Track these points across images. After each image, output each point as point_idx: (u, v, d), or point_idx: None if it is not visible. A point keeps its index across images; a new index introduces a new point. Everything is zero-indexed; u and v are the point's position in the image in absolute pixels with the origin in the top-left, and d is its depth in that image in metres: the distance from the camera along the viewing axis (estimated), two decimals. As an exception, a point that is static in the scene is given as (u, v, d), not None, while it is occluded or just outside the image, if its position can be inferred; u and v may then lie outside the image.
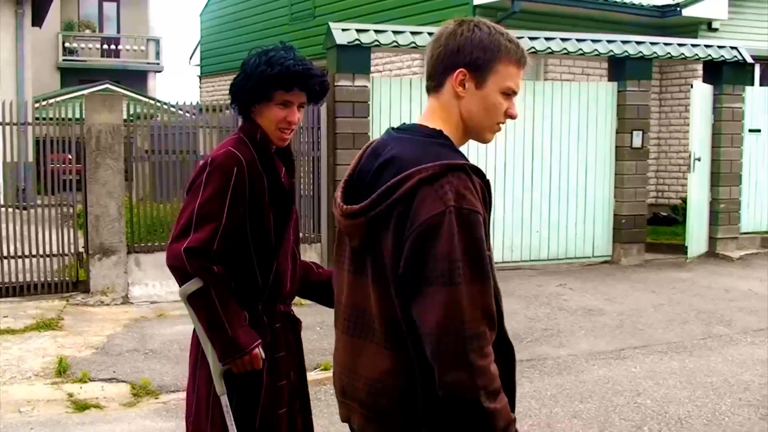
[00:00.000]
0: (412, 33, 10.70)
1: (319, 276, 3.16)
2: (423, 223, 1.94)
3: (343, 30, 10.35)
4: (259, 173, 2.96)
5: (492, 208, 2.13)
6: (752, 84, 14.83)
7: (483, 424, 1.95)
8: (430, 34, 10.78)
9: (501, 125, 2.20)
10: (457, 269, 1.92)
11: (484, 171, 2.08)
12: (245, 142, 2.98)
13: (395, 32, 10.58)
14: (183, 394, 6.09)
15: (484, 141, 2.24)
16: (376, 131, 10.28)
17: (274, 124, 2.97)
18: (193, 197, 2.91)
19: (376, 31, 10.51)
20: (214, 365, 2.96)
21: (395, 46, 10.54)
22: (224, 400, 2.96)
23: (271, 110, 2.97)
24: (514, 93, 2.16)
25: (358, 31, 10.36)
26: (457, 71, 2.10)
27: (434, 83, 2.16)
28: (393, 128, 2.23)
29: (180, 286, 2.94)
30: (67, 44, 32.18)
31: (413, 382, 2.05)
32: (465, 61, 2.09)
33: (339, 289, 2.25)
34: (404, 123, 2.25)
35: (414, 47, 10.66)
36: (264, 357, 2.95)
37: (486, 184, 2.06)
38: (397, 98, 10.55)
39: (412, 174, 1.97)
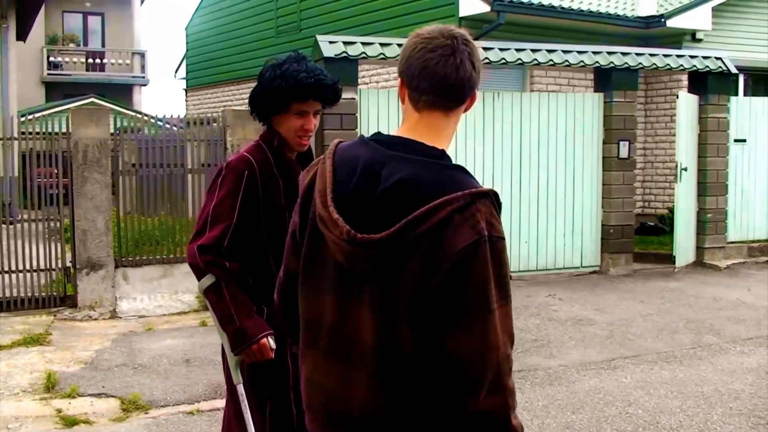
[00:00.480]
0: (399, 45, 10.69)
1: None
2: (459, 252, 1.91)
3: (330, 42, 10.36)
4: (273, 176, 3.18)
5: None
6: (736, 94, 14.98)
7: None
8: (417, 46, 10.79)
9: None
10: (492, 296, 1.93)
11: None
12: (262, 148, 3.24)
13: (382, 44, 10.60)
14: (173, 409, 6.10)
15: None
16: (364, 143, 10.26)
17: (293, 132, 3.21)
18: (209, 199, 3.17)
19: (363, 44, 10.53)
20: (229, 356, 3.17)
21: (382, 58, 10.55)
22: (240, 389, 3.16)
23: (289, 120, 3.20)
24: None
25: (345, 43, 10.37)
26: (476, 92, 2.13)
27: (453, 102, 2.11)
28: (372, 139, 2.12)
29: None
30: (51, 58, 32.09)
31: (406, 414, 2.00)
32: (479, 82, 2.14)
33: (318, 310, 2.13)
34: (380, 133, 2.15)
35: (401, 59, 10.65)
36: (274, 347, 3.10)
37: (500, 207, 2.06)
38: (385, 110, 10.56)
39: (442, 205, 1.92)
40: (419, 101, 2.11)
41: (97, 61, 33.16)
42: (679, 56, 12.31)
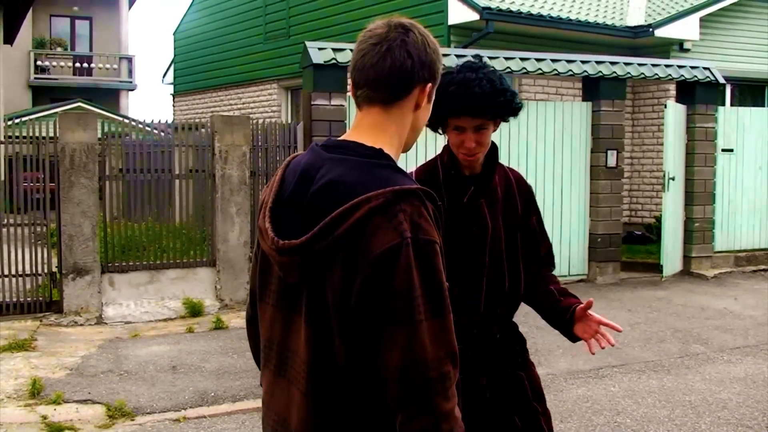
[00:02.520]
0: (389, 52, 10.69)
1: (552, 305, 3.14)
2: (377, 256, 1.73)
3: (319, 49, 10.34)
4: (438, 194, 2.99)
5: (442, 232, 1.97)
6: (724, 104, 15.03)
7: None
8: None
9: None
10: (417, 306, 1.73)
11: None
12: (435, 163, 3.08)
13: (371, 51, 10.57)
14: (159, 416, 6.06)
15: (407, 151, 2.08)
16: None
17: (455, 148, 2.97)
18: None
19: (353, 50, 10.50)
20: None
21: (372, 65, 10.52)
22: None
23: (450, 135, 2.98)
24: None
25: (335, 50, 10.36)
26: (428, 85, 1.96)
27: (389, 94, 1.94)
28: (319, 145, 1.98)
29: None
30: (38, 62, 31.94)
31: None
32: (434, 75, 1.98)
33: (270, 327, 2.00)
34: (331, 138, 2.01)
35: (390, 66, 10.65)
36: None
37: (438, 209, 1.87)
38: (374, 117, 10.54)
39: (360, 203, 1.75)
40: (358, 97, 1.99)
41: (85, 65, 33.02)
42: (667, 66, 12.36)
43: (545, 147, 11.50)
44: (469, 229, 2.97)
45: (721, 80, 12.61)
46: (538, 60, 11.50)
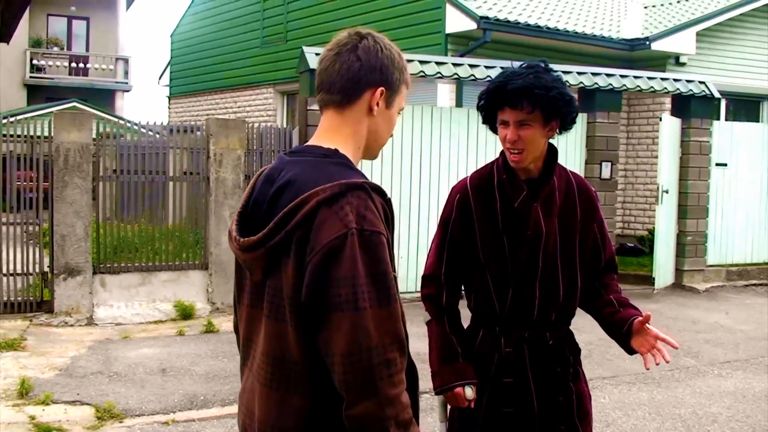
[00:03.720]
0: (386, 59, 10.71)
1: (610, 316, 3.07)
2: (324, 246, 1.82)
3: (316, 54, 10.33)
4: (492, 197, 2.99)
5: (396, 228, 2.03)
6: (719, 118, 15.07)
7: None
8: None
9: None
10: (362, 293, 1.81)
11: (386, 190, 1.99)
12: (491, 166, 3.06)
13: (369, 58, 10.58)
14: (148, 419, 6.04)
15: (374, 157, 2.17)
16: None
17: (502, 143, 2.95)
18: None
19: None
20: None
21: (368, 72, 10.53)
22: (441, 427, 3.11)
23: (499, 131, 2.96)
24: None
25: (332, 55, 10.34)
26: (379, 89, 2.03)
27: (341, 97, 2.03)
28: (285, 153, 2.10)
29: None
30: (34, 61, 31.86)
31: (310, 424, 1.93)
32: (386, 80, 2.04)
33: (246, 325, 2.09)
34: (296, 146, 2.14)
35: (387, 73, 10.67)
36: (471, 397, 2.96)
37: (387, 203, 1.96)
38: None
39: (309, 197, 1.86)
40: (318, 102, 2.10)
41: (81, 65, 32.95)
42: (663, 79, 12.40)
43: (540, 157, 11.49)
44: (522, 233, 2.93)
45: (717, 94, 12.65)
46: (534, 70, 11.49)
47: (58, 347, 7.98)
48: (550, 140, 3.00)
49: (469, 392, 2.97)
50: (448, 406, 3.10)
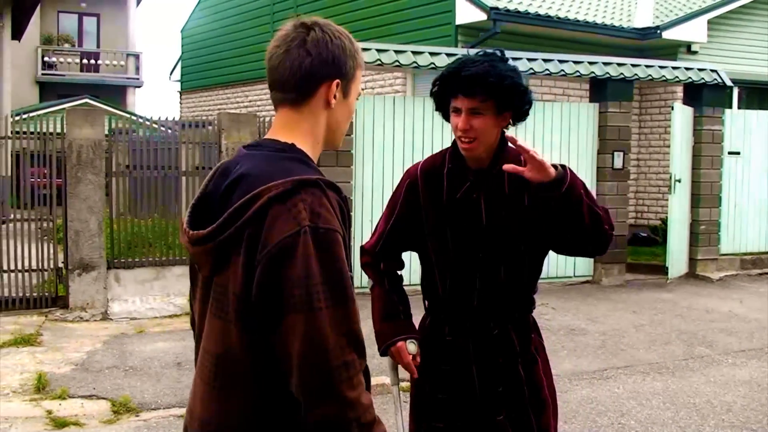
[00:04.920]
0: (396, 51, 10.72)
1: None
2: (276, 245, 1.76)
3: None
4: (440, 183, 3.00)
5: (351, 225, 1.99)
6: (731, 107, 15.01)
7: None
8: (414, 52, 10.82)
9: None
10: (317, 293, 1.74)
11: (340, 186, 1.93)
12: (443, 154, 3.07)
13: (379, 50, 10.60)
14: (164, 412, 6.07)
15: (337, 147, 2.12)
16: (359, 149, 10.28)
17: (454, 131, 2.92)
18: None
19: (361, 49, 10.50)
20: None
21: (379, 65, 10.55)
22: (394, 390, 3.16)
23: (451, 118, 2.95)
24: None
25: (342, 48, 10.34)
26: (334, 82, 1.97)
27: (296, 95, 1.96)
28: (244, 146, 2.05)
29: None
30: (46, 58, 32.00)
31: (251, 424, 1.88)
32: (340, 71, 1.98)
33: (198, 321, 2.03)
34: (256, 140, 2.07)
35: (398, 65, 10.69)
36: (413, 352, 3.01)
37: (342, 200, 1.89)
38: (380, 116, 10.55)
39: (261, 192, 1.79)
40: (272, 100, 2.04)
41: (92, 62, 33.08)
42: (674, 68, 12.34)
43: (551, 148, 11.48)
44: (461, 223, 2.93)
45: (729, 83, 12.59)
46: (545, 60, 11.49)
47: (74, 342, 8.03)
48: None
49: (412, 347, 3.02)
50: (400, 369, 3.12)
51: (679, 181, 11.94)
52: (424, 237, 3.02)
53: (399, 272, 3.20)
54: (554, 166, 2.72)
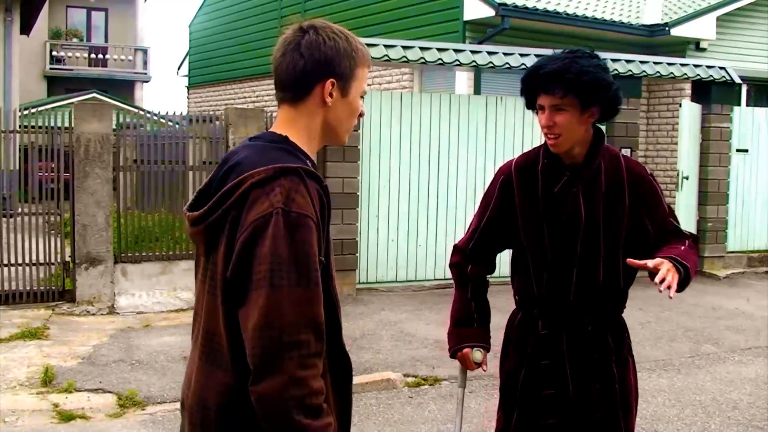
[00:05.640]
0: (404, 47, 10.71)
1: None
2: (250, 224, 1.89)
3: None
4: (534, 180, 2.99)
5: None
6: (739, 104, 14.95)
7: None
8: (421, 48, 10.82)
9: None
10: (280, 271, 1.85)
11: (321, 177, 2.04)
12: (537, 150, 3.05)
13: (386, 46, 10.59)
14: (170, 406, 6.08)
15: (342, 143, 2.24)
16: (366, 144, 10.28)
17: (541, 128, 2.94)
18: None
19: (368, 45, 10.47)
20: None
21: (386, 60, 10.54)
22: (459, 392, 3.21)
23: (538, 115, 2.96)
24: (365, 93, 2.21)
25: (350, 44, 10.34)
26: (328, 82, 2.08)
27: (293, 94, 2.10)
28: (248, 138, 2.20)
29: None
30: (54, 53, 32.05)
31: (230, 400, 1.97)
32: (335, 71, 2.08)
33: (197, 299, 2.17)
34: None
35: (405, 61, 10.68)
36: (478, 360, 3.05)
37: (323, 189, 2.01)
38: (387, 111, 10.54)
39: (245, 178, 1.93)
40: (276, 98, 2.17)
41: (100, 56, 33.13)
42: (683, 65, 12.31)
43: (559, 144, 11.46)
44: (561, 218, 2.93)
45: (737, 80, 12.55)
46: (553, 57, 11.45)
47: (81, 336, 8.05)
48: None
49: (478, 355, 3.05)
50: (468, 373, 3.17)
51: (687, 178, 11.92)
52: (518, 234, 3.02)
53: (486, 276, 3.20)
54: (673, 263, 2.78)
